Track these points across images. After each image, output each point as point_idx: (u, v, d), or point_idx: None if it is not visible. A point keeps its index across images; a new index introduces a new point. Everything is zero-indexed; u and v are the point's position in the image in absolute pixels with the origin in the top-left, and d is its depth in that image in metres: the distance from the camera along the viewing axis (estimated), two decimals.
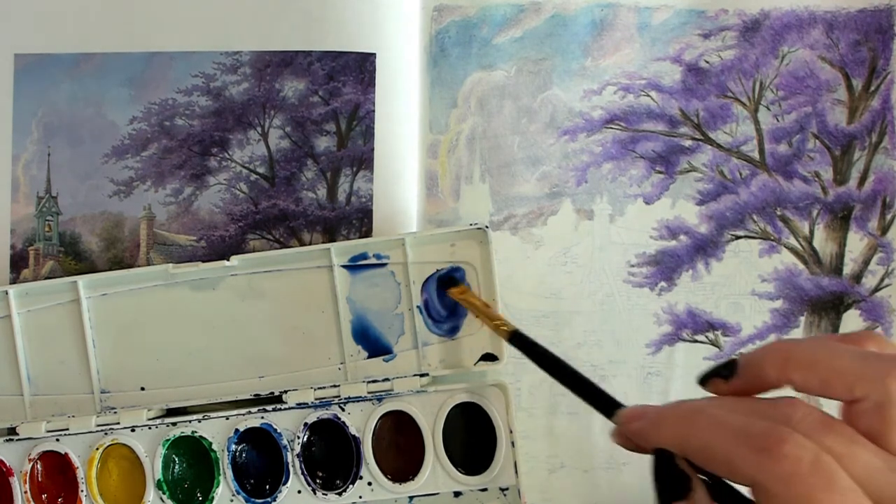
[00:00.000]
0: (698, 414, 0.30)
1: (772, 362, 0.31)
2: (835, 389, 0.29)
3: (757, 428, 0.28)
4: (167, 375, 0.47)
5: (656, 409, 0.32)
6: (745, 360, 0.32)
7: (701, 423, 0.30)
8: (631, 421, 0.33)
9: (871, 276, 0.50)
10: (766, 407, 0.30)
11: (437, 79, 0.51)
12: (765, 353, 0.31)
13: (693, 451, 0.30)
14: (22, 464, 0.46)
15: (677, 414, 0.31)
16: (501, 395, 0.45)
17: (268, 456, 0.46)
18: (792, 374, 0.30)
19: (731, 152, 0.50)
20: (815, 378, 0.30)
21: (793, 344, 0.32)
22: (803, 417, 0.29)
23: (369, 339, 0.46)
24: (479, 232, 0.45)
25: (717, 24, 0.50)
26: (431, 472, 0.46)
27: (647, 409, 0.33)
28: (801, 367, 0.30)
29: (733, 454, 0.28)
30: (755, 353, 0.31)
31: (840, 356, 0.30)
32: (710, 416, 0.30)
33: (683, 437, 0.30)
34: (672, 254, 0.50)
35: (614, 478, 0.49)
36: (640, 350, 0.50)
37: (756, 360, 0.31)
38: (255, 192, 0.50)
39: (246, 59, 0.50)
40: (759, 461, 0.27)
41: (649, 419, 0.32)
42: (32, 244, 0.50)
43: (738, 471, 0.28)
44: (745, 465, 0.28)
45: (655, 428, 0.31)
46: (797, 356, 0.30)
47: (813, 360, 0.30)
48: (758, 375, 0.31)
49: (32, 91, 0.50)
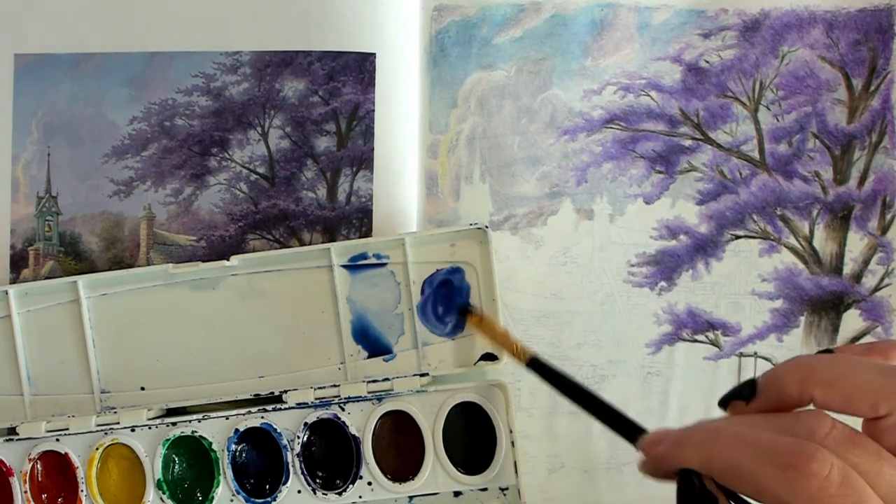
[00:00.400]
0: (721, 432, 0.30)
1: (792, 380, 0.30)
2: (858, 406, 0.29)
3: (783, 444, 0.28)
4: (167, 375, 0.47)
5: (678, 431, 0.31)
6: (765, 380, 0.31)
7: (724, 441, 0.29)
8: (654, 446, 0.32)
9: (871, 275, 0.50)
10: (790, 422, 0.29)
11: (437, 79, 0.51)
12: (785, 371, 0.30)
13: (718, 471, 0.29)
14: (22, 464, 0.46)
15: (700, 434, 0.31)
16: (501, 395, 0.45)
17: (268, 456, 0.46)
18: (813, 390, 0.29)
19: (731, 152, 0.50)
20: (837, 395, 0.29)
21: (813, 360, 0.31)
22: (829, 432, 0.28)
23: (369, 339, 0.46)
24: (479, 232, 0.45)
25: (717, 23, 0.50)
26: (431, 472, 0.46)
27: (668, 432, 0.32)
28: (822, 383, 0.29)
29: (759, 472, 0.28)
30: (775, 372, 0.31)
31: (862, 371, 0.29)
32: (733, 433, 0.29)
33: (707, 457, 0.29)
34: (672, 254, 0.50)
35: (614, 478, 0.49)
36: (640, 350, 0.50)
37: (776, 379, 0.31)
38: (255, 192, 0.50)
39: (246, 59, 0.50)
40: (787, 479, 0.27)
41: (672, 441, 0.31)
42: (32, 244, 0.50)
43: (764, 489, 0.28)
44: (772, 483, 0.27)
45: (679, 449, 0.31)
46: (818, 373, 0.29)
47: (834, 377, 0.29)
48: (779, 394, 0.30)
49: (32, 91, 0.50)
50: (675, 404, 0.49)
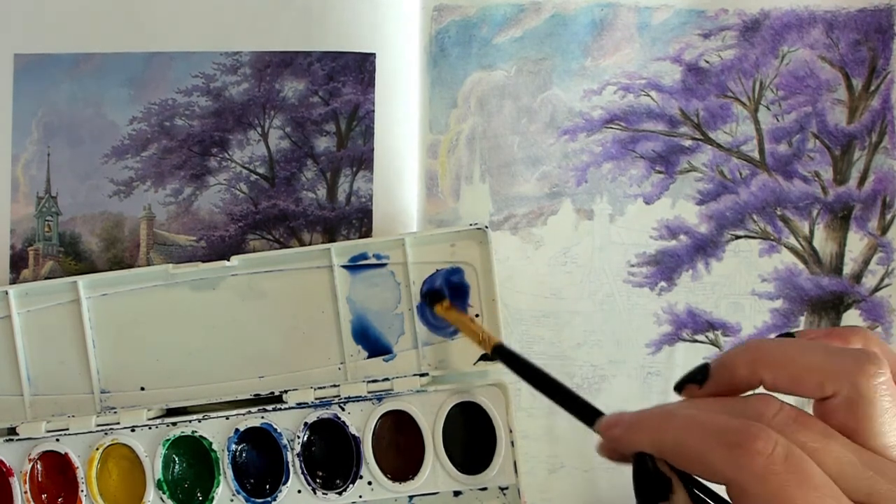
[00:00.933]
0: (672, 415, 0.31)
1: (742, 362, 0.31)
2: (805, 387, 0.29)
3: (730, 425, 0.28)
4: (167, 375, 0.47)
5: (633, 414, 0.32)
6: (717, 363, 0.32)
7: (675, 423, 0.30)
8: (610, 428, 0.33)
9: (871, 275, 0.50)
10: (738, 404, 0.30)
11: (437, 79, 0.51)
12: (735, 354, 0.31)
13: (668, 452, 0.30)
14: (22, 464, 0.46)
15: (652, 416, 0.31)
16: (501, 395, 0.45)
17: (268, 456, 0.46)
18: (762, 372, 0.30)
19: (731, 152, 0.50)
20: (785, 376, 0.30)
21: (763, 343, 0.32)
22: (776, 413, 0.29)
23: (369, 339, 0.46)
24: (478, 232, 0.45)
25: (717, 23, 0.50)
26: (431, 472, 0.46)
27: (623, 415, 0.33)
28: (771, 365, 0.30)
29: (707, 452, 0.28)
30: (726, 355, 0.32)
31: (809, 353, 0.30)
32: (683, 416, 0.30)
33: (658, 439, 0.30)
34: (672, 254, 0.50)
35: (614, 478, 0.49)
36: (640, 350, 0.50)
37: (727, 362, 0.31)
38: (255, 192, 0.50)
39: (246, 59, 0.50)
40: (733, 458, 0.27)
41: (626, 424, 0.32)
42: (32, 244, 0.50)
43: (712, 468, 0.28)
44: (719, 463, 0.28)
45: (631, 432, 0.31)
46: (767, 355, 0.30)
47: (782, 359, 0.30)
48: (730, 377, 0.31)
49: (32, 91, 0.50)
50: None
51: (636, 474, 0.31)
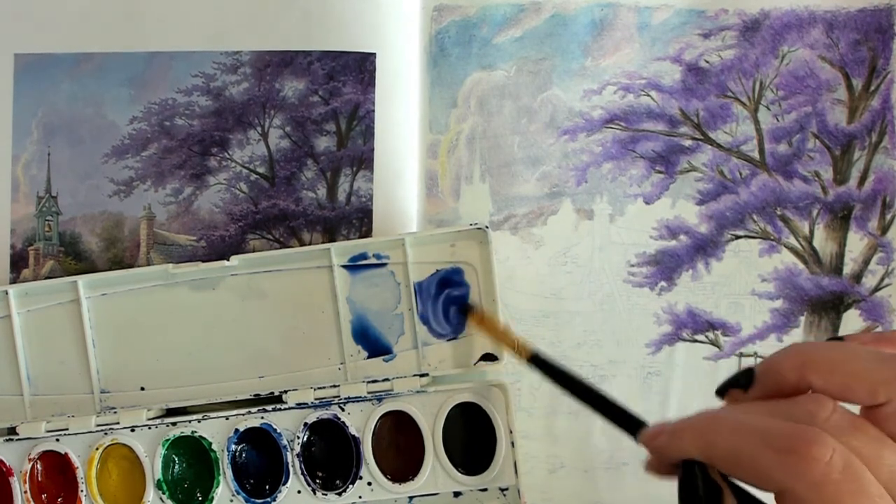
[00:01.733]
0: (720, 420, 0.30)
1: (790, 366, 0.29)
2: (856, 393, 0.28)
3: (783, 429, 0.27)
4: (167, 375, 0.47)
5: (677, 422, 0.31)
6: (763, 367, 0.31)
7: (724, 428, 0.29)
8: (654, 438, 0.32)
9: (871, 275, 0.50)
10: (789, 407, 0.29)
11: (437, 79, 0.51)
12: (783, 358, 0.30)
13: (718, 458, 0.29)
14: (22, 464, 0.46)
15: (699, 422, 0.30)
16: (501, 395, 0.45)
17: (268, 456, 0.46)
18: (812, 377, 0.29)
19: (731, 152, 0.50)
20: (835, 381, 0.28)
21: (811, 347, 0.30)
22: (829, 416, 0.28)
23: (369, 339, 0.46)
24: (479, 232, 0.45)
25: (717, 23, 0.50)
26: (431, 473, 0.46)
27: (666, 424, 0.31)
28: (820, 370, 0.29)
29: (760, 457, 0.27)
30: (772, 359, 0.30)
31: (861, 359, 0.29)
32: (732, 420, 0.29)
33: (707, 445, 0.29)
34: (672, 254, 0.50)
35: (614, 478, 0.49)
36: (640, 350, 0.50)
37: (774, 366, 0.30)
38: (255, 191, 0.50)
39: (246, 59, 0.50)
40: (788, 464, 0.26)
41: (671, 431, 0.31)
42: (32, 244, 0.50)
43: (764, 475, 0.27)
44: (773, 469, 0.27)
45: (678, 439, 0.30)
46: (816, 359, 0.29)
47: (833, 363, 0.29)
48: (776, 381, 0.30)
49: (32, 91, 0.50)
50: (675, 404, 0.49)
51: (683, 483, 0.30)
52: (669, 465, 0.31)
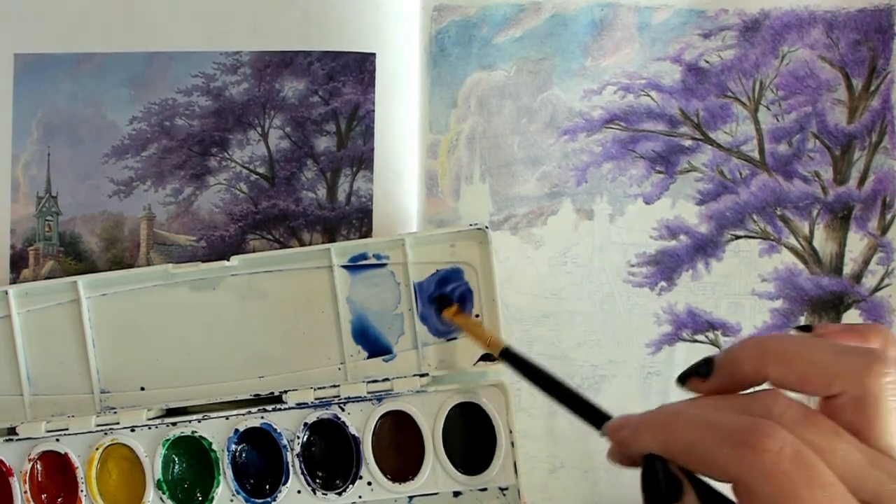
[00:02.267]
0: (677, 415, 0.30)
1: (748, 357, 0.30)
2: (812, 384, 0.29)
3: (737, 423, 0.28)
4: (167, 375, 0.47)
5: (639, 415, 0.32)
6: (722, 357, 0.31)
7: (681, 422, 0.30)
8: (617, 431, 0.32)
9: (871, 275, 0.50)
10: (746, 401, 0.29)
11: (437, 79, 0.51)
12: (741, 349, 0.31)
13: (675, 452, 0.30)
14: (22, 464, 0.46)
15: (658, 417, 0.31)
16: (501, 395, 0.45)
17: (268, 456, 0.46)
18: (768, 368, 0.30)
19: (731, 152, 0.50)
20: (791, 373, 0.29)
21: (769, 339, 0.31)
22: (784, 410, 0.28)
23: (369, 340, 0.46)
24: (479, 232, 0.45)
25: (717, 23, 0.50)
26: (431, 472, 0.46)
27: (630, 417, 0.32)
28: (777, 361, 0.30)
29: (714, 451, 0.28)
30: (731, 350, 0.31)
31: (817, 350, 0.29)
32: (689, 415, 0.30)
33: (665, 439, 0.30)
34: (672, 254, 0.50)
35: (614, 478, 0.49)
36: (640, 350, 0.50)
37: (732, 357, 0.31)
38: (255, 192, 0.50)
39: (246, 59, 0.50)
40: (740, 456, 0.27)
41: (633, 426, 0.32)
42: (32, 244, 0.50)
43: (719, 467, 0.28)
44: (727, 461, 0.27)
45: (639, 433, 0.31)
46: (773, 350, 0.30)
47: (790, 355, 0.29)
48: (735, 371, 0.31)
49: (32, 91, 0.50)
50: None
51: (645, 476, 0.30)
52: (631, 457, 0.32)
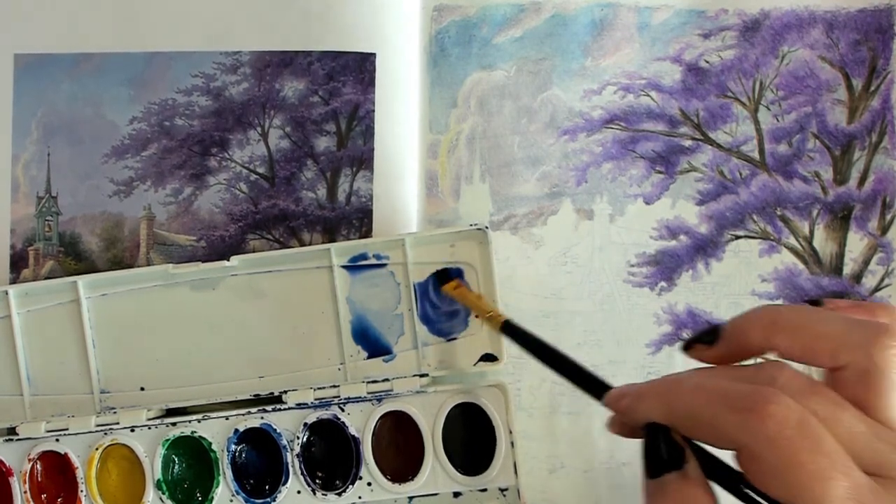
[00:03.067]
0: (681, 382, 0.30)
1: (756, 326, 0.30)
2: (818, 356, 0.29)
3: (741, 390, 0.28)
4: (167, 375, 0.47)
5: (641, 384, 0.32)
6: (730, 326, 0.31)
7: (684, 390, 0.30)
8: (618, 399, 0.32)
9: (871, 276, 0.50)
10: (750, 371, 0.29)
11: (437, 79, 0.51)
12: (749, 318, 0.31)
13: (678, 419, 0.29)
14: (21, 464, 0.46)
15: (660, 385, 0.31)
16: (501, 396, 0.45)
17: (267, 456, 0.46)
18: (776, 338, 0.30)
19: (731, 152, 0.50)
20: (798, 343, 0.29)
21: (778, 308, 0.31)
22: (789, 380, 0.28)
23: (369, 340, 0.46)
24: (478, 232, 0.45)
25: (717, 23, 0.50)
26: (431, 473, 0.46)
27: (631, 386, 0.32)
28: (785, 331, 0.29)
29: (718, 416, 0.28)
30: (739, 318, 0.31)
31: (825, 322, 0.29)
32: (693, 382, 0.30)
33: (667, 406, 0.30)
34: (672, 254, 0.50)
35: (614, 478, 0.49)
36: (640, 350, 0.50)
37: (740, 325, 0.31)
38: (255, 192, 0.50)
39: (246, 59, 0.50)
40: (744, 422, 0.27)
41: (635, 394, 0.31)
42: (32, 244, 0.50)
43: (722, 434, 0.28)
44: (730, 427, 0.27)
45: (640, 401, 0.31)
46: (782, 321, 0.30)
47: (797, 326, 0.29)
48: (742, 341, 0.31)
49: (32, 91, 0.50)
50: None
51: (647, 445, 0.30)
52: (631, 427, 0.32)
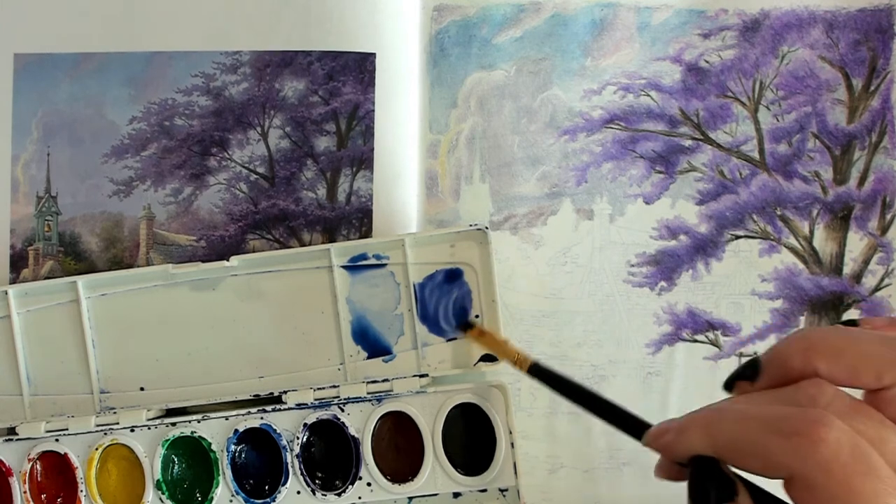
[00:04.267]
0: (723, 411, 0.29)
1: (795, 352, 0.29)
2: (862, 377, 0.28)
3: (787, 413, 0.27)
4: (167, 375, 0.47)
5: (680, 419, 0.31)
6: (769, 357, 0.30)
7: (727, 418, 0.29)
8: (658, 437, 0.31)
9: (871, 275, 0.50)
10: (790, 393, 0.28)
11: (437, 79, 0.51)
12: (787, 345, 0.30)
13: (724, 449, 0.28)
14: (21, 464, 0.46)
15: (703, 415, 0.30)
16: (501, 396, 0.45)
17: (267, 456, 0.46)
18: (817, 362, 0.28)
19: (731, 152, 0.50)
20: (841, 366, 0.28)
21: (816, 332, 0.30)
22: (832, 399, 0.27)
23: (369, 340, 0.46)
24: (478, 233, 0.45)
25: (717, 23, 0.50)
26: (431, 473, 0.46)
27: (671, 422, 0.31)
28: (826, 354, 0.28)
29: (766, 444, 0.27)
30: (777, 348, 0.30)
31: (866, 342, 0.28)
32: (735, 410, 0.29)
33: (711, 437, 0.29)
34: (672, 254, 0.50)
35: (614, 478, 0.49)
36: (640, 350, 0.50)
37: (779, 354, 0.30)
38: (255, 192, 0.50)
39: (246, 59, 0.50)
40: (795, 447, 0.26)
41: (676, 428, 0.30)
42: (32, 244, 0.50)
43: (772, 460, 0.27)
44: (781, 454, 0.26)
45: (683, 435, 0.30)
46: (821, 344, 0.29)
47: (839, 347, 0.29)
48: (782, 369, 0.29)
49: (32, 91, 0.50)
50: (675, 404, 0.49)
51: (695, 479, 0.29)
52: (678, 466, 0.31)
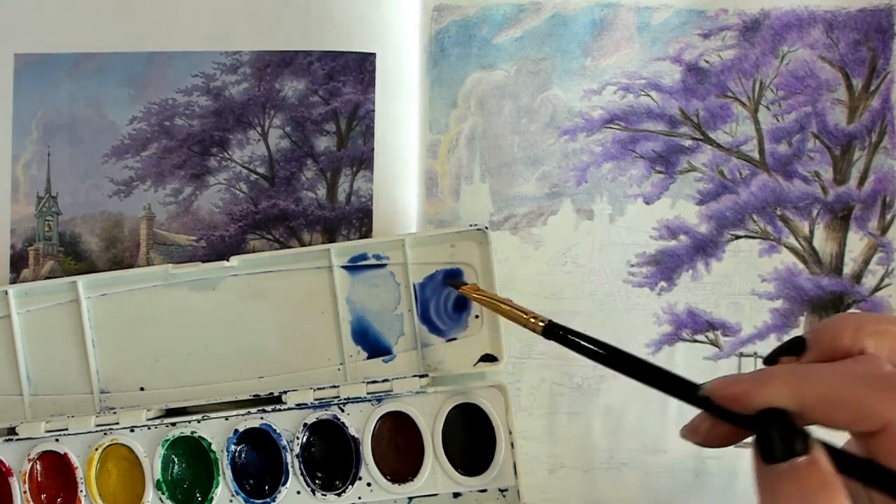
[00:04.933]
0: (805, 368, 0.30)
1: (845, 330, 0.31)
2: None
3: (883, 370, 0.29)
4: (167, 375, 0.47)
5: (755, 372, 0.31)
6: (816, 333, 0.32)
7: (814, 374, 0.30)
8: (728, 387, 0.31)
9: (871, 275, 0.50)
10: (849, 364, 0.30)
11: (437, 79, 0.51)
12: (836, 323, 0.31)
13: (812, 402, 0.29)
14: (21, 464, 0.46)
15: (786, 370, 0.31)
16: (501, 396, 0.45)
17: (267, 456, 0.46)
18: (865, 341, 0.30)
19: (731, 152, 0.50)
20: (888, 344, 0.30)
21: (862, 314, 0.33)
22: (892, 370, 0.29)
23: (369, 340, 0.46)
24: (478, 233, 0.45)
25: (717, 23, 0.50)
26: (431, 473, 0.46)
27: (742, 375, 0.31)
28: (874, 334, 0.30)
29: (862, 397, 0.28)
30: (824, 325, 0.32)
31: None
32: (819, 367, 0.30)
33: (799, 390, 0.29)
34: (672, 254, 0.50)
35: (614, 478, 0.49)
36: (640, 350, 0.50)
37: (828, 331, 0.31)
38: (255, 192, 0.50)
39: (246, 59, 0.50)
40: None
41: (756, 379, 0.30)
42: (32, 244, 0.50)
43: (866, 413, 0.28)
44: (880, 406, 0.28)
45: (763, 385, 0.30)
46: (868, 325, 0.31)
47: (885, 330, 0.30)
48: (831, 345, 0.31)
49: (32, 91, 0.50)
50: (675, 404, 0.49)
51: (767, 432, 0.29)
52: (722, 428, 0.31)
